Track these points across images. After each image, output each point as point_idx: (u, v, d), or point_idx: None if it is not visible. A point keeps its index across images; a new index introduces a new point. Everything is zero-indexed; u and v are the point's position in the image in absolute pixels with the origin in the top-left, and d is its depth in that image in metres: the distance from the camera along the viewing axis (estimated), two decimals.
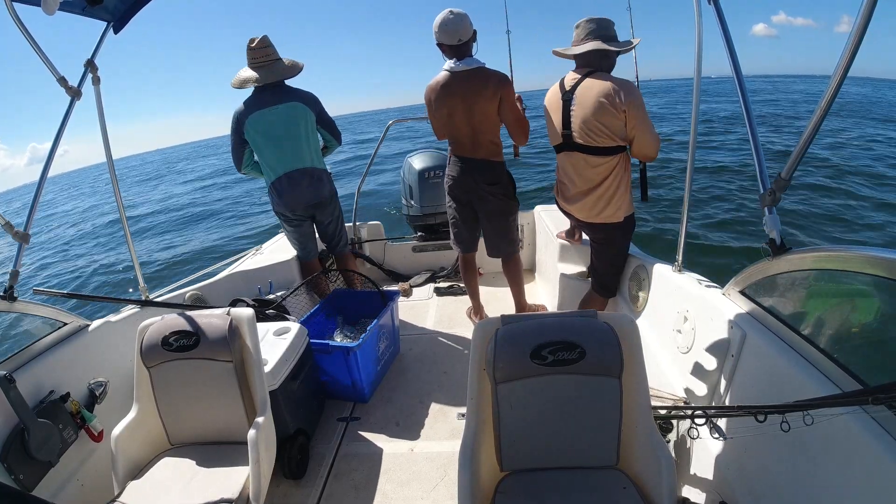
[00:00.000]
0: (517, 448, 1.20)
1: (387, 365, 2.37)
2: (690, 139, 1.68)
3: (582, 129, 1.87)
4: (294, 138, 2.37)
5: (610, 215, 1.97)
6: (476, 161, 2.25)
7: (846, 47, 0.94)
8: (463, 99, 2.10)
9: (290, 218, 2.54)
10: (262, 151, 2.39)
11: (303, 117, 2.37)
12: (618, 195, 1.95)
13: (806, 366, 1.06)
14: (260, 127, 2.30)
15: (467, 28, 2.04)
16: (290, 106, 2.33)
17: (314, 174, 2.46)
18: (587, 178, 1.96)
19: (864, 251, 0.93)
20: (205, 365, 1.46)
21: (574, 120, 1.89)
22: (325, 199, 2.54)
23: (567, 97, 1.90)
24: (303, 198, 2.46)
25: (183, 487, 1.35)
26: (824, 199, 7.22)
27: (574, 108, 1.88)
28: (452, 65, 2.10)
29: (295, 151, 2.39)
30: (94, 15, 1.78)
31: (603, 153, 1.89)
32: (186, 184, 20.76)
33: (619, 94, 1.76)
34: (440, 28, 2.05)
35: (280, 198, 2.45)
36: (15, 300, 1.53)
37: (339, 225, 2.71)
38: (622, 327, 1.15)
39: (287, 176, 2.41)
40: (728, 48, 1.35)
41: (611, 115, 1.79)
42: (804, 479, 0.99)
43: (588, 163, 1.93)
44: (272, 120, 2.31)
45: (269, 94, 2.31)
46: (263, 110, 2.29)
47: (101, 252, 10.12)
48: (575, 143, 1.92)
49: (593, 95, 1.81)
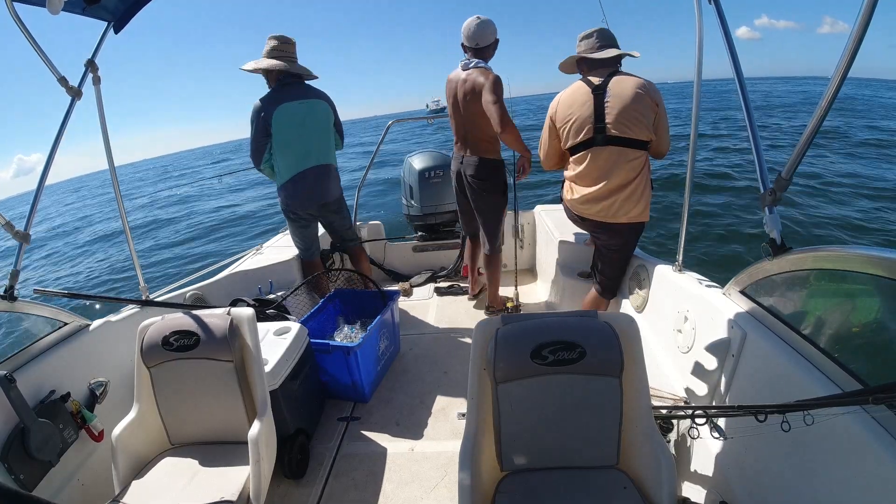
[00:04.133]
0: (517, 448, 1.20)
1: (387, 365, 2.37)
2: (691, 139, 1.68)
3: (619, 120, 1.83)
4: (320, 133, 2.43)
5: (638, 214, 1.94)
6: (467, 157, 2.46)
7: (846, 47, 0.94)
8: (461, 96, 2.32)
9: (300, 216, 2.54)
10: (287, 143, 2.36)
11: (325, 114, 2.44)
12: (646, 193, 1.94)
13: (806, 366, 1.06)
14: (289, 118, 2.31)
15: (487, 36, 2.27)
16: (316, 102, 2.39)
17: (331, 171, 2.52)
18: (620, 173, 1.89)
19: (864, 251, 0.93)
20: (205, 365, 1.46)
21: (609, 111, 1.85)
22: (338, 196, 2.61)
23: (599, 90, 1.87)
24: (315, 196, 2.49)
25: (183, 487, 1.35)
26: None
27: (609, 99, 1.85)
28: (463, 63, 2.32)
29: (319, 146, 2.45)
30: (94, 15, 1.78)
31: (638, 146, 1.87)
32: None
33: (650, 88, 1.83)
34: (464, 30, 2.30)
35: (296, 192, 2.44)
36: (15, 300, 1.53)
37: (349, 221, 2.77)
38: (622, 327, 1.15)
39: (311, 170, 2.43)
40: (728, 47, 1.35)
41: (647, 106, 1.82)
42: (804, 479, 0.99)
43: (625, 156, 1.88)
44: (301, 112, 2.34)
45: (295, 89, 2.35)
46: (292, 102, 2.31)
47: (104, 253, 10.14)
48: (609, 135, 1.87)
49: (630, 86, 1.83)
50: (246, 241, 8.28)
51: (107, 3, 1.73)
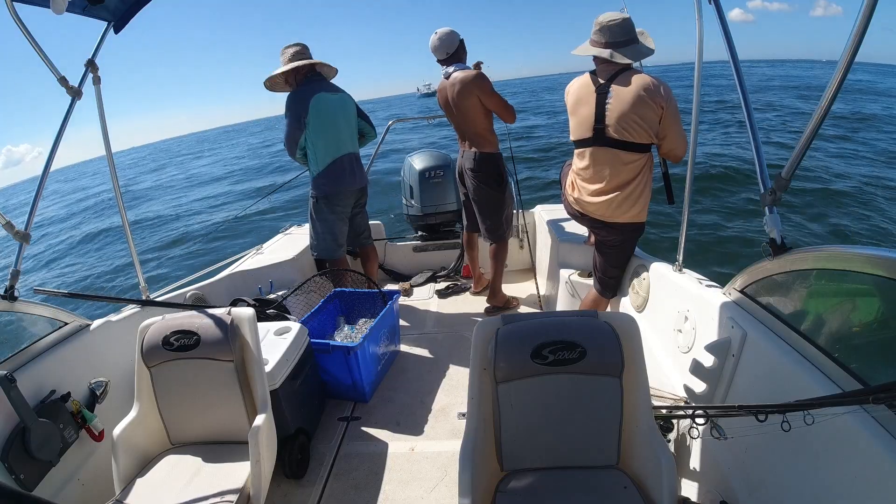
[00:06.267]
0: (518, 448, 1.20)
1: (387, 364, 2.37)
2: (692, 138, 1.68)
3: (618, 123, 1.82)
4: (352, 124, 2.60)
5: (635, 215, 1.95)
6: (467, 151, 2.62)
7: (846, 47, 0.94)
8: (451, 98, 2.51)
9: (342, 206, 2.59)
10: (325, 131, 2.46)
11: (353, 107, 2.60)
12: (644, 195, 1.93)
13: (806, 365, 1.06)
14: (327, 107, 2.44)
15: (453, 42, 2.49)
16: (346, 95, 2.57)
17: (360, 160, 2.65)
18: (617, 175, 1.90)
19: (865, 251, 0.93)
20: (205, 364, 1.46)
21: (610, 113, 1.83)
22: (366, 185, 2.72)
23: (603, 90, 1.84)
24: (356, 181, 2.59)
25: (183, 487, 1.35)
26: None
27: (610, 100, 1.82)
28: (445, 72, 2.54)
29: (352, 136, 2.60)
30: (94, 15, 1.79)
31: (635, 149, 1.85)
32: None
33: (658, 89, 1.77)
34: (433, 48, 2.53)
35: (338, 177, 2.52)
36: (16, 300, 1.53)
37: (366, 214, 2.86)
38: (623, 327, 1.15)
39: (346, 157, 2.54)
40: (728, 46, 1.35)
41: (649, 109, 1.78)
42: (805, 479, 0.99)
43: (620, 159, 1.87)
44: (336, 103, 2.49)
45: (325, 83, 2.51)
46: (328, 93, 2.46)
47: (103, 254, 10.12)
48: (607, 137, 1.86)
49: (633, 89, 1.79)
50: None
51: (108, 3, 1.73)
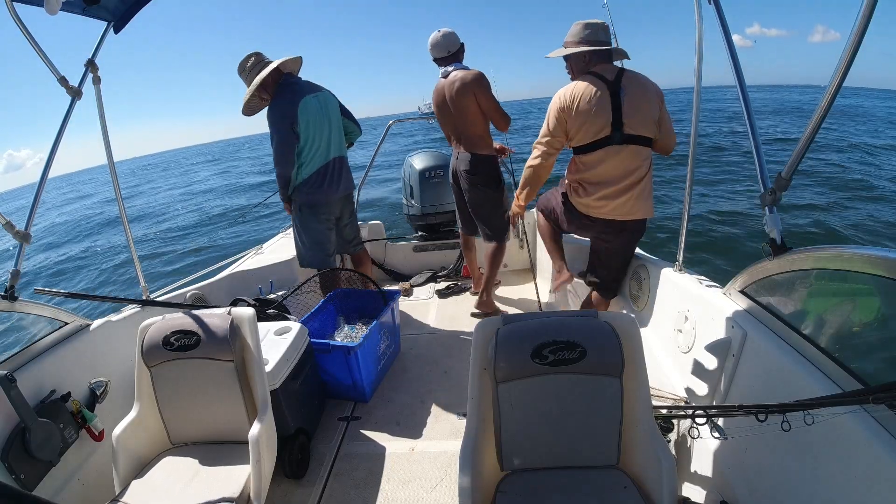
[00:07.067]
0: (518, 448, 1.20)
1: (387, 364, 2.37)
2: (691, 139, 1.68)
3: (637, 119, 1.81)
4: (336, 124, 2.40)
5: (648, 210, 1.95)
6: (462, 153, 2.56)
7: (846, 47, 0.94)
8: (450, 97, 2.44)
9: (328, 213, 2.43)
10: (312, 137, 2.27)
11: (335, 105, 2.40)
12: (651, 189, 1.94)
13: (807, 365, 1.06)
14: (311, 112, 2.24)
15: (455, 42, 2.45)
16: (326, 93, 2.35)
17: (347, 163, 2.50)
18: (635, 171, 1.87)
19: (865, 251, 0.93)
20: (206, 364, 1.46)
21: (627, 109, 1.79)
22: (353, 190, 2.59)
23: (615, 88, 1.80)
24: (342, 188, 2.45)
25: (184, 487, 1.35)
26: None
27: (626, 97, 1.79)
28: (443, 71, 2.48)
29: (339, 138, 2.43)
30: (94, 15, 1.79)
31: (648, 143, 1.86)
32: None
33: (655, 85, 1.82)
34: (433, 45, 2.46)
35: (323, 184, 2.34)
36: (16, 300, 1.53)
37: (356, 221, 2.75)
38: (623, 327, 1.15)
39: (334, 161, 2.38)
40: (728, 46, 1.35)
41: (654, 103, 1.82)
42: (805, 479, 0.99)
43: (639, 154, 1.86)
44: (319, 105, 2.29)
45: (301, 84, 2.29)
46: (309, 96, 2.25)
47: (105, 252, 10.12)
48: (626, 134, 1.82)
49: (643, 84, 1.81)
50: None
51: (107, 3, 1.73)
